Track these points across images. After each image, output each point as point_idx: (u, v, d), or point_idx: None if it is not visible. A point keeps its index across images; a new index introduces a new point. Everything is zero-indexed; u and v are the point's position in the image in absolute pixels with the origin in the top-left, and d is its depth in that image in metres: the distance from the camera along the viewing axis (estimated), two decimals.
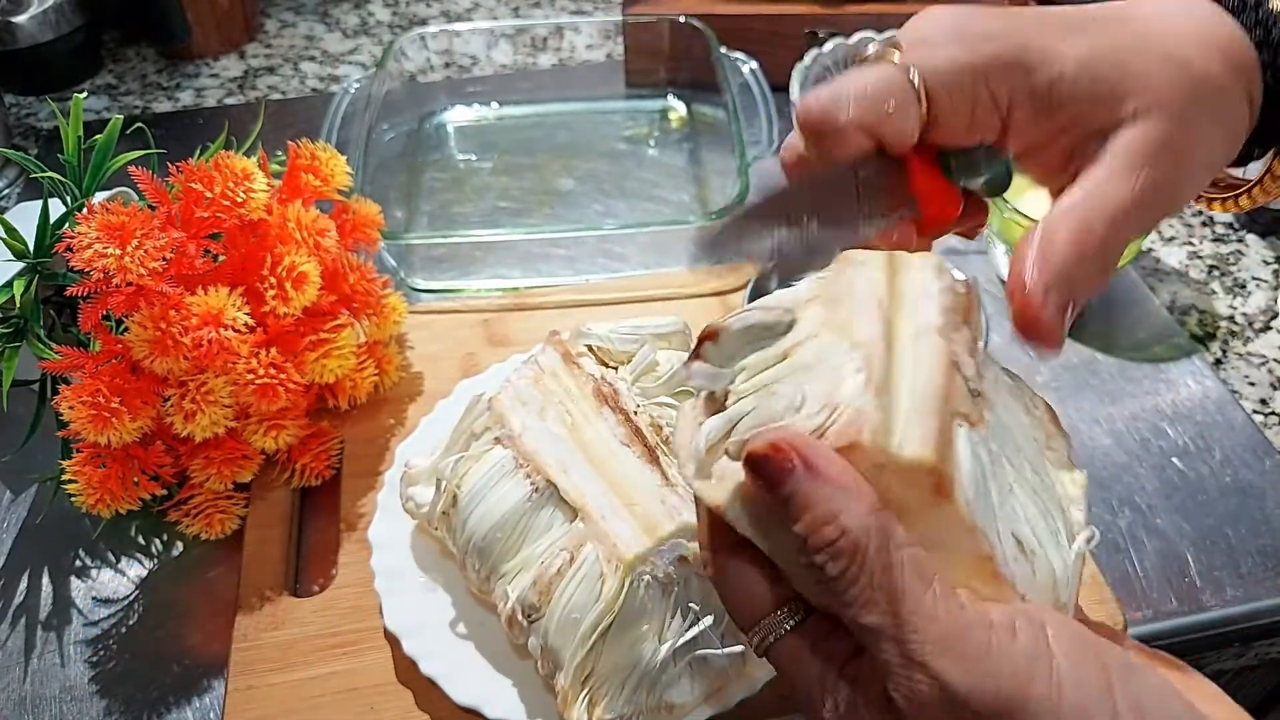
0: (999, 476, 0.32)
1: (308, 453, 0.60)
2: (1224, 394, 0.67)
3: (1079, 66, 0.34)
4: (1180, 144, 0.34)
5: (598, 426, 0.49)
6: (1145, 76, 0.34)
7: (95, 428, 0.51)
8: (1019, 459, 0.33)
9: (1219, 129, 0.35)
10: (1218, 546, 0.59)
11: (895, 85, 0.34)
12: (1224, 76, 0.34)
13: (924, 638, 0.27)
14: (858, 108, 0.34)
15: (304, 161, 0.59)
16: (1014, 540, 0.31)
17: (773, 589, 0.31)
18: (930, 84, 0.34)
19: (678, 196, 0.84)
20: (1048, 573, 0.32)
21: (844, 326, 0.32)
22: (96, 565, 0.59)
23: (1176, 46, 0.34)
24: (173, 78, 0.99)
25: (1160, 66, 0.34)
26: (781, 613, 0.31)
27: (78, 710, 0.52)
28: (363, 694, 0.50)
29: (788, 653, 0.31)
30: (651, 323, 0.53)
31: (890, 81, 0.34)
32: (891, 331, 0.32)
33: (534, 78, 0.97)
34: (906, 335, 0.32)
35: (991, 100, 0.34)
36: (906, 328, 0.32)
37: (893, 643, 0.27)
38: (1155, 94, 0.33)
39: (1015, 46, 0.34)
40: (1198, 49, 0.34)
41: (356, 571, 0.55)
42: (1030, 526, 0.32)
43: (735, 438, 0.32)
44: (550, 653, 0.45)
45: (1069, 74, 0.34)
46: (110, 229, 0.49)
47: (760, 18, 0.89)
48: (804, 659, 0.30)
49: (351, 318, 0.61)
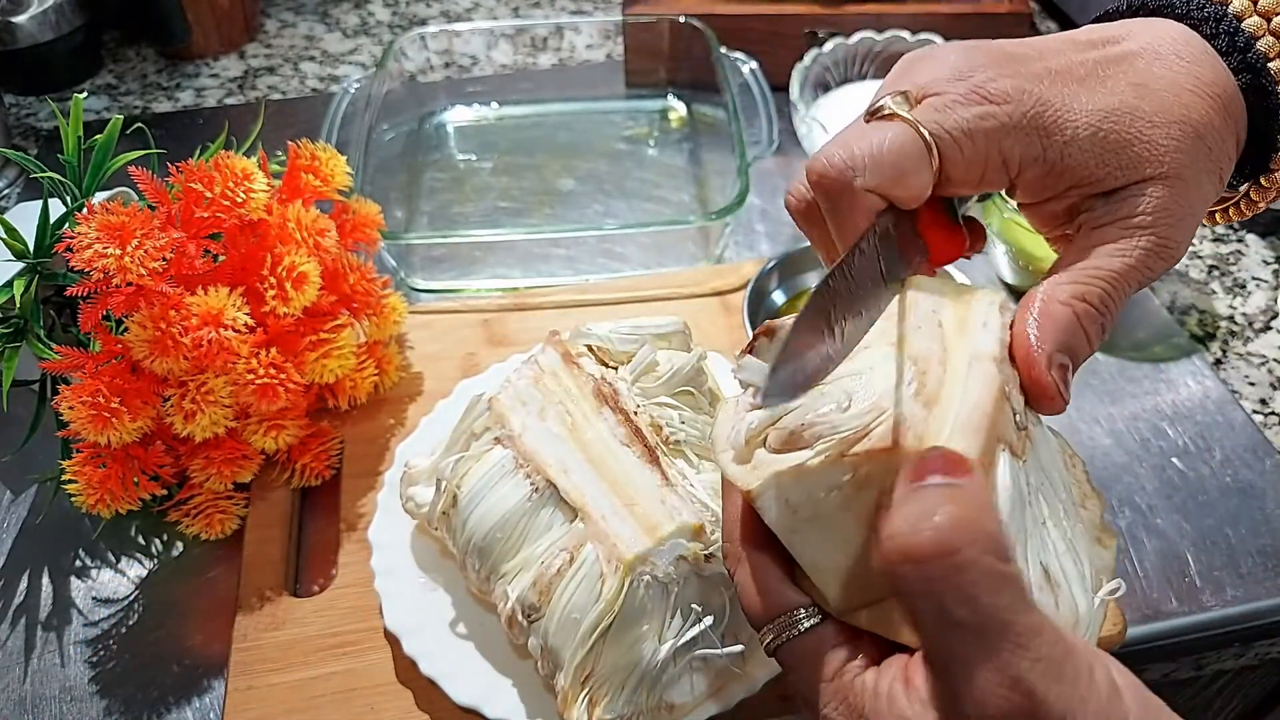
0: (1034, 507, 0.32)
1: (308, 453, 0.60)
2: (1224, 394, 0.67)
3: (1091, 130, 0.34)
4: (1182, 204, 0.34)
5: (598, 426, 0.49)
6: (1153, 143, 0.34)
7: (95, 428, 0.51)
8: (1054, 501, 0.34)
9: (1213, 177, 0.35)
10: (1218, 546, 0.59)
11: (910, 149, 0.33)
12: (1220, 125, 0.35)
13: (1026, 654, 0.26)
14: (873, 174, 0.33)
15: (304, 161, 0.59)
16: (1041, 569, 0.32)
17: (791, 588, 0.32)
18: (943, 147, 0.33)
19: (678, 196, 0.84)
20: (1071, 609, 0.32)
21: (901, 341, 0.32)
22: (96, 565, 0.59)
23: (1178, 100, 0.34)
24: (173, 78, 0.99)
25: (1167, 129, 0.34)
26: (800, 613, 0.31)
27: (78, 710, 0.52)
28: (363, 694, 0.50)
29: (800, 653, 0.31)
30: (651, 323, 0.53)
31: (905, 145, 0.33)
32: (947, 353, 0.32)
33: (534, 78, 0.97)
34: (961, 359, 0.32)
35: (1003, 161, 0.34)
36: (962, 352, 0.32)
37: (991, 652, 0.26)
38: (1164, 160, 0.34)
39: (1030, 109, 0.34)
40: (1196, 98, 0.34)
41: (356, 571, 0.55)
42: (1059, 561, 0.32)
43: (778, 429, 0.32)
44: (550, 653, 0.45)
45: (1081, 138, 0.34)
46: (110, 229, 0.49)
47: (760, 18, 0.89)
48: (817, 661, 0.30)
49: (351, 318, 0.61)
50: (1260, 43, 0.35)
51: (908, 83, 0.35)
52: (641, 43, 0.91)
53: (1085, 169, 0.34)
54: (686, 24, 0.87)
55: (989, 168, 0.34)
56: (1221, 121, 0.35)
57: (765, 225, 0.81)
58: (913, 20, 0.87)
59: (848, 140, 0.33)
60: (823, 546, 0.31)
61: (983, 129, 0.33)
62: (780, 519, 0.31)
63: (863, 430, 0.30)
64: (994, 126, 0.33)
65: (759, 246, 0.79)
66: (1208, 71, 0.35)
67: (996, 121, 0.33)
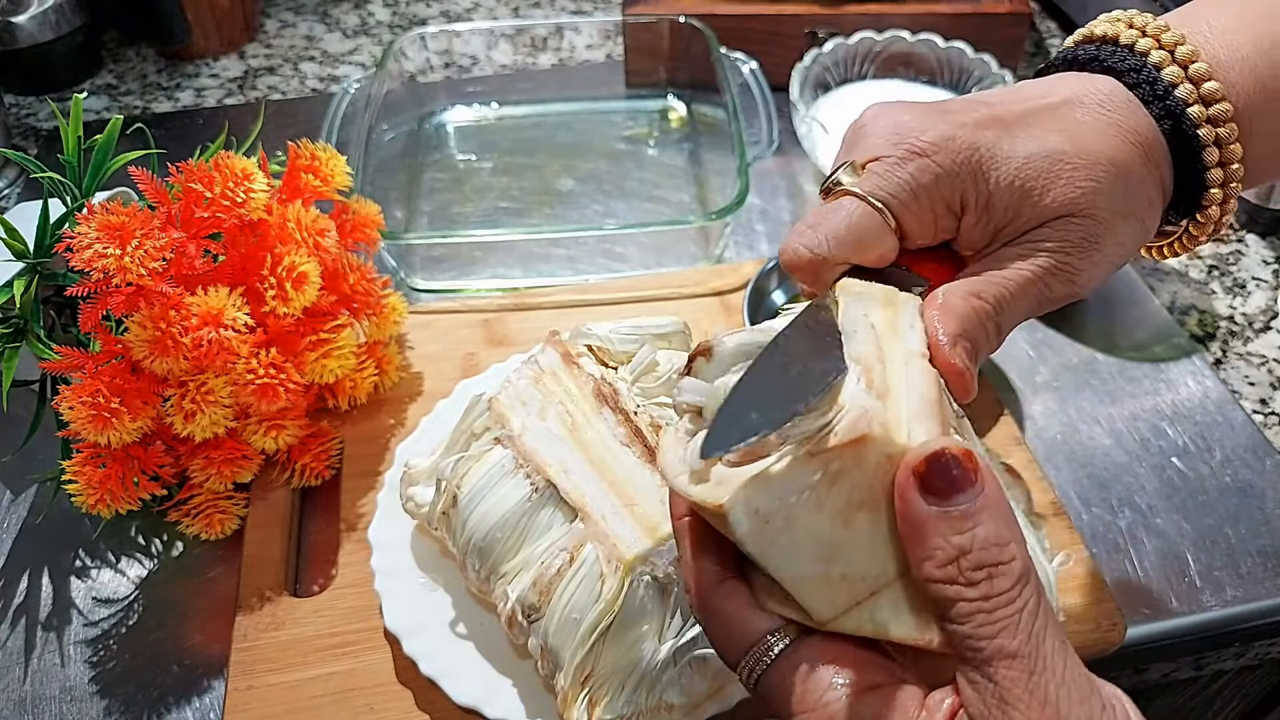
0: None
1: (308, 453, 0.60)
2: (1224, 394, 0.67)
3: (1016, 171, 0.36)
4: (1089, 237, 0.36)
5: (598, 427, 0.49)
6: (1071, 184, 0.35)
7: (95, 428, 0.51)
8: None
9: (1129, 220, 0.37)
10: (1218, 546, 0.59)
11: (864, 221, 0.36)
12: (1140, 168, 0.36)
13: (1053, 677, 0.27)
14: (838, 251, 0.36)
15: (304, 161, 0.59)
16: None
17: (757, 614, 0.31)
18: (894, 209, 0.35)
19: (678, 196, 0.84)
20: (1043, 575, 0.32)
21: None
22: (96, 565, 0.59)
23: (1102, 142, 0.36)
24: (173, 78, 0.99)
25: (1089, 170, 0.36)
26: (770, 638, 0.31)
27: (78, 710, 0.52)
28: (363, 694, 0.50)
29: (776, 680, 0.30)
30: (651, 323, 0.53)
31: (859, 219, 0.36)
32: (884, 353, 0.33)
33: (534, 78, 0.97)
34: (898, 358, 0.33)
35: (947, 208, 0.36)
36: (897, 351, 0.33)
37: (1024, 674, 0.27)
38: (1079, 201, 0.35)
39: (961, 154, 0.35)
40: (1119, 141, 0.36)
41: (356, 571, 0.55)
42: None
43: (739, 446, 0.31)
44: (550, 653, 0.45)
45: (1005, 182, 0.36)
46: (110, 229, 0.49)
47: (760, 18, 0.89)
48: (795, 687, 0.30)
49: (351, 318, 0.61)
50: (1179, 90, 0.36)
51: (855, 153, 0.37)
52: (641, 43, 0.91)
53: (1008, 212, 0.36)
54: (686, 24, 0.87)
55: (939, 216, 0.36)
56: (1142, 166, 0.36)
57: (765, 225, 0.81)
58: (913, 20, 0.87)
59: (811, 224, 0.36)
60: (800, 555, 0.30)
61: (923, 182, 0.35)
62: (752, 532, 0.30)
63: (827, 428, 0.30)
64: (931, 178, 0.35)
65: (759, 246, 0.80)
66: (1129, 118, 0.37)
67: (932, 173, 0.35)
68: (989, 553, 0.28)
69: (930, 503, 0.28)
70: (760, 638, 0.31)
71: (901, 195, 0.35)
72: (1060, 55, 0.41)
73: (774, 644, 0.31)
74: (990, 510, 0.28)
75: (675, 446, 0.33)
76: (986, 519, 0.28)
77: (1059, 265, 0.36)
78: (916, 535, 0.29)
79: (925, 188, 0.35)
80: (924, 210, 0.36)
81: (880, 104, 0.38)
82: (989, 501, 0.28)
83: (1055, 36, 1.01)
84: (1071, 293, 0.36)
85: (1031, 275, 0.35)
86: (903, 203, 0.35)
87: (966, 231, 0.37)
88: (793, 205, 0.83)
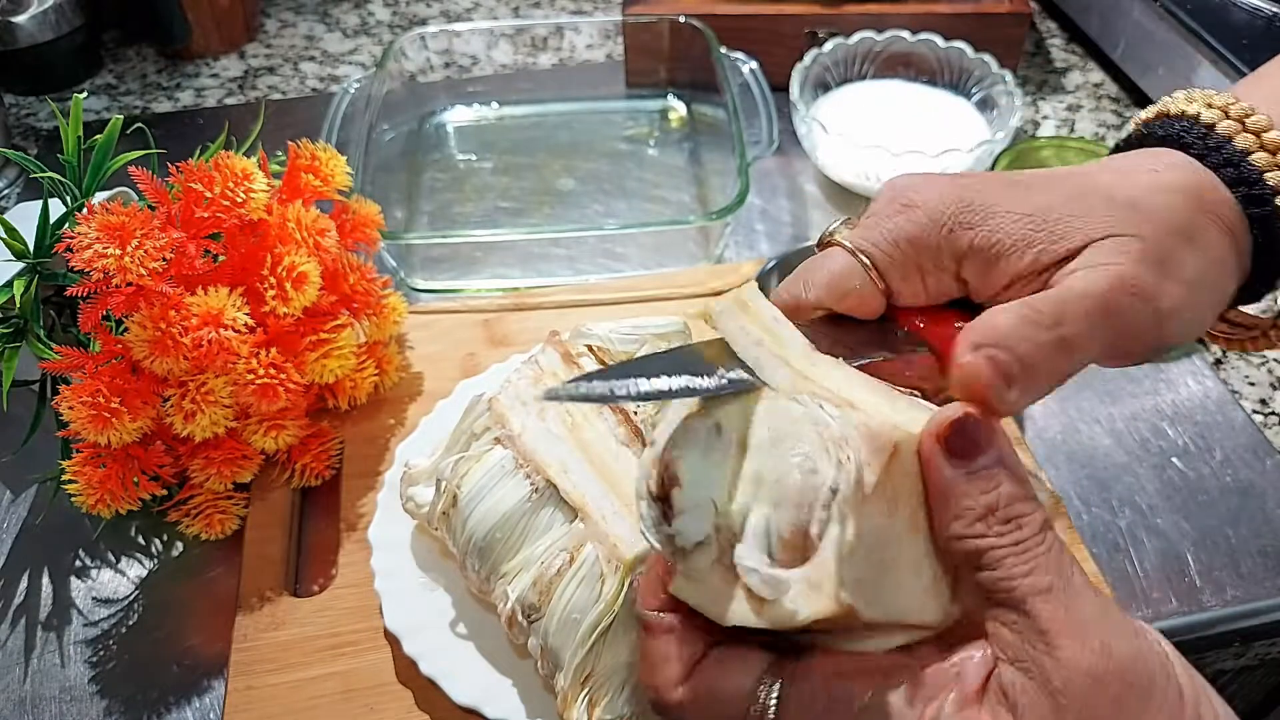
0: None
1: (308, 453, 0.60)
2: (1224, 394, 0.67)
3: (1020, 215, 0.35)
4: (1148, 255, 0.34)
5: (598, 427, 0.49)
6: (1087, 216, 0.34)
7: (95, 428, 0.51)
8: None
9: (1193, 252, 0.35)
10: (1218, 546, 0.59)
11: (844, 269, 0.36)
12: (1181, 208, 0.35)
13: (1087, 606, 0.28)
14: (821, 297, 0.36)
15: (304, 161, 0.59)
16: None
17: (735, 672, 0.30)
18: (874, 259, 0.36)
19: (678, 196, 0.84)
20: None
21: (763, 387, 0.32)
22: (96, 565, 0.59)
23: (1121, 191, 0.35)
24: (173, 78, 0.99)
25: (1104, 208, 0.35)
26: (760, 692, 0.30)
27: (78, 710, 0.52)
28: (362, 694, 0.50)
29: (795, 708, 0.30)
30: (651, 323, 0.53)
31: (840, 266, 0.36)
32: (796, 371, 0.32)
33: (534, 78, 0.97)
34: (808, 366, 0.32)
35: (935, 264, 0.36)
36: (801, 361, 0.32)
37: (1059, 605, 0.28)
38: (1102, 226, 0.34)
39: (951, 208, 0.35)
40: (1146, 191, 0.35)
41: (356, 571, 0.55)
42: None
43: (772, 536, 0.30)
44: (550, 653, 0.45)
45: (1008, 224, 0.35)
46: (110, 229, 0.49)
47: (760, 18, 0.89)
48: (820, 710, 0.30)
49: (351, 318, 0.61)
50: (1253, 157, 0.36)
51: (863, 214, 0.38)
52: (641, 43, 0.91)
53: (1018, 251, 0.35)
54: (686, 24, 0.87)
55: (926, 274, 0.36)
56: (1186, 207, 0.35)
57: (765, 225, 0.81)
58: (913, 20, 0.87)
59: (798, 272, 0.37)
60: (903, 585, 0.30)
61: (905, 234, 0.35)
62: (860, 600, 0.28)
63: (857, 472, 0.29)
64: (914, 230, 0.35)
65: (759, 246, 0.79)
66: (1170, 172, 0.36)
67: (916, 225, 0.35)
68: (1014, 507, 0.29)
69: (955, 466, 0.29)
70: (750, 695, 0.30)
71: (883, 245, 0.35)
72: (1126, 137, 0.40)
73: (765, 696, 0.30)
74: (1007, 468, 0.30)
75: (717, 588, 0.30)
76: (1006, 476, 0.30)
77: (1126, 276, 0.33)
78: (946, 499, 0.30)
79: (908, 240, 0.35)
80: (906, 263, 0.35)
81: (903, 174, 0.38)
82: (1006, 459, 0.30)
83: (1055, 36, 1.01)
84: (1154, 312, 0.33)
85: (1091, 284, 0.33)
86: (884, 252, 0.35)
87: (975, 281, 0.36)
88: (793, 205, 0.83)
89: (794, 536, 0.29)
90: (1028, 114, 0.91)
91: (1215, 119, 0.37)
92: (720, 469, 0.31)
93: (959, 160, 0.74)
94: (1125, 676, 0.28)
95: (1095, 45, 0.95)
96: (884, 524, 0.30)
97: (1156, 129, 0.39)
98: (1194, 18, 0.79)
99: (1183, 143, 0.37)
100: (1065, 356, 0.33)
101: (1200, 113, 0.37)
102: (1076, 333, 0.32)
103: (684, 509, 0.30)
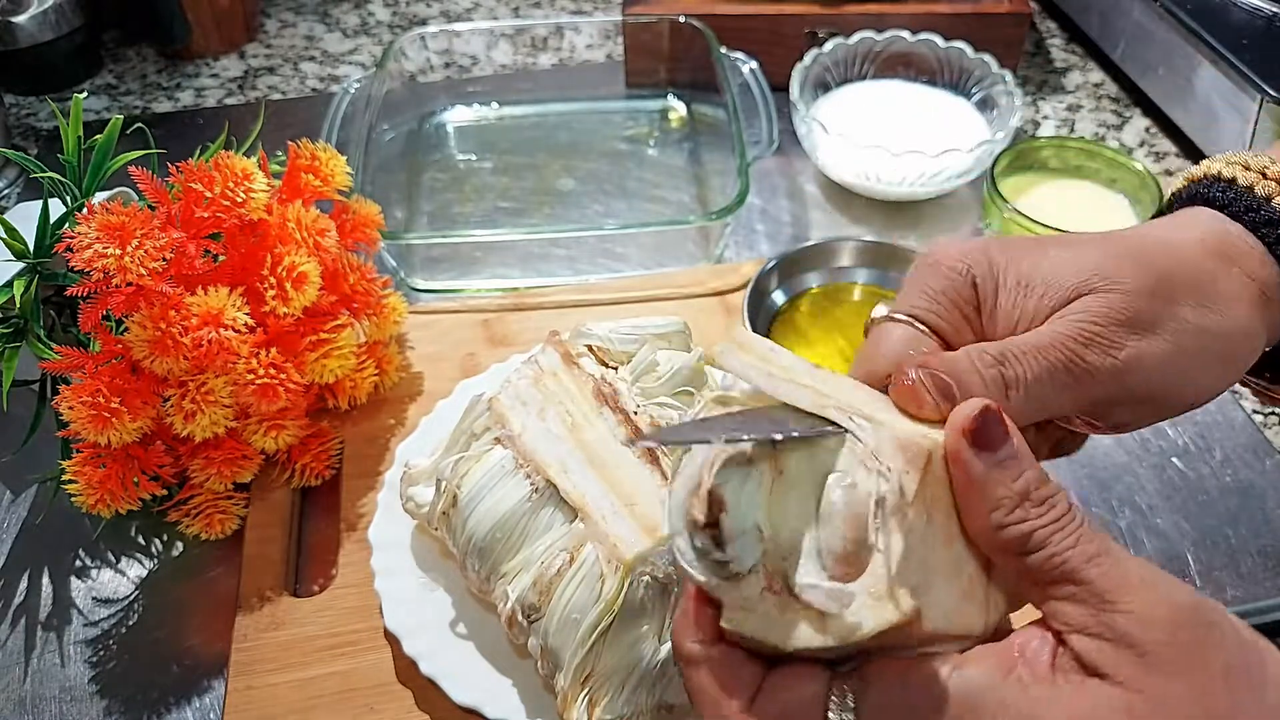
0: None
1: (308, 453, 0.60)
2: (1224, 394, 0.67)
3: (1031, 267, 0.36)
4: (1123, 311, 0.35)
5: (598, 427, 0.49)
6: (1089, 269, 0.36)
7: (95, 428, 0.51)
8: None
9: (1196, 309, 0.36)
10: (1218, 546, 0.59)
11: (908, 339, 0.37)
12: (1194, 257, 0.36)
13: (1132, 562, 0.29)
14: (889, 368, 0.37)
15: (304, 161, 0.59)
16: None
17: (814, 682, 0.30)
18: (921, 317, 0.37)
19: (678, 196, 0.84)
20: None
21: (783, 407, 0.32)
22: (96, 565, 0.59)
23: (1127, 244, 0.36)
24: (173, 78, 0.99)
25: (1108, 258, 0.36)
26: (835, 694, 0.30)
27: (78, 710, 0.52)
28: (363, 694, 0.50)
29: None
30: (651, 323, 0.53)
31: (903, 338, 0.37)
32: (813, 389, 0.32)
33: (534, 78, 0.97)
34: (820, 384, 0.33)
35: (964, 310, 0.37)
36: (810, 380, 0.33)
37: (1111, 566, 0.29)
38: (1098, 277, 0.35)
39: (979, 263, 0.37)
40: (1154, 242, 0.37)
41: (356, 571, 0.55)
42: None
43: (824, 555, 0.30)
44: (550, 653, 0.45)
45: (1023, 273, 0.36)
46: (110, 229, 0.49)
47: (760, 18, 0.89)
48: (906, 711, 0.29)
49: (351, 318, 0.61)
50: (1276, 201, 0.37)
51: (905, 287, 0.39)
52: (641, 43, 0.91)
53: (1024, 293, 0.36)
54: (686, 24, 0.87)
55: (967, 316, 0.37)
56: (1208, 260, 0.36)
57: (765, 225, 0.81)
58: (913, 20, 0.87)
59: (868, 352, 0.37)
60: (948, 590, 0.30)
61: (942, 288, 0.37)
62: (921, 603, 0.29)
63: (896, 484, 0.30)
64: (947, 284, 0.37)
65: (759, 246, 0.80)
66: (1199, 227, 0.37)
67: (948, 280, 0.37)
68: (1043, 489, 0.30)
69: (984, 458, 0.30)
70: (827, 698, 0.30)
71: (923, 304, 0.37)
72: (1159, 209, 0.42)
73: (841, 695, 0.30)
74: (1027, 453, 0.31)
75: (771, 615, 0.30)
76: (1028, 462, 0.30)
77: (1088, 333, 0.34)
78: (979, 492, 0.30)
79: (943, 293, 0.37)
80: (948, 310, 0.37)
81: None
82: (1024, 446, 0.31)
83: (1055, 36, 1.01)
84: (1116, 366, 0.34)
85: (1051, 338, 0.35)
86: (928, 309, 0.37)
87: (986, 324, 0.37)
88: (792, 205, 0.83)
89: (845, 552, 0.30)
90: (1028, 114, 0.91)
91: (1252, 181, 0.38)
92: (758, 495, 0.31)
93: (959, 160, 0.74)
94: (1197, 617, 0.28)
95: (1095, 45, 0.95)
96: (926, 532, 0.30)
97: (1187, 194, 0.40)
98: (1194, 18, 0.79)
99: (1215, 202, 0.38)
100: (1001, 394, 0.34)
101: (1237, 175, 0.38)
102: (1017, 375, 0.34)
103: (733, 535, 0.30)
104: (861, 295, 0.71)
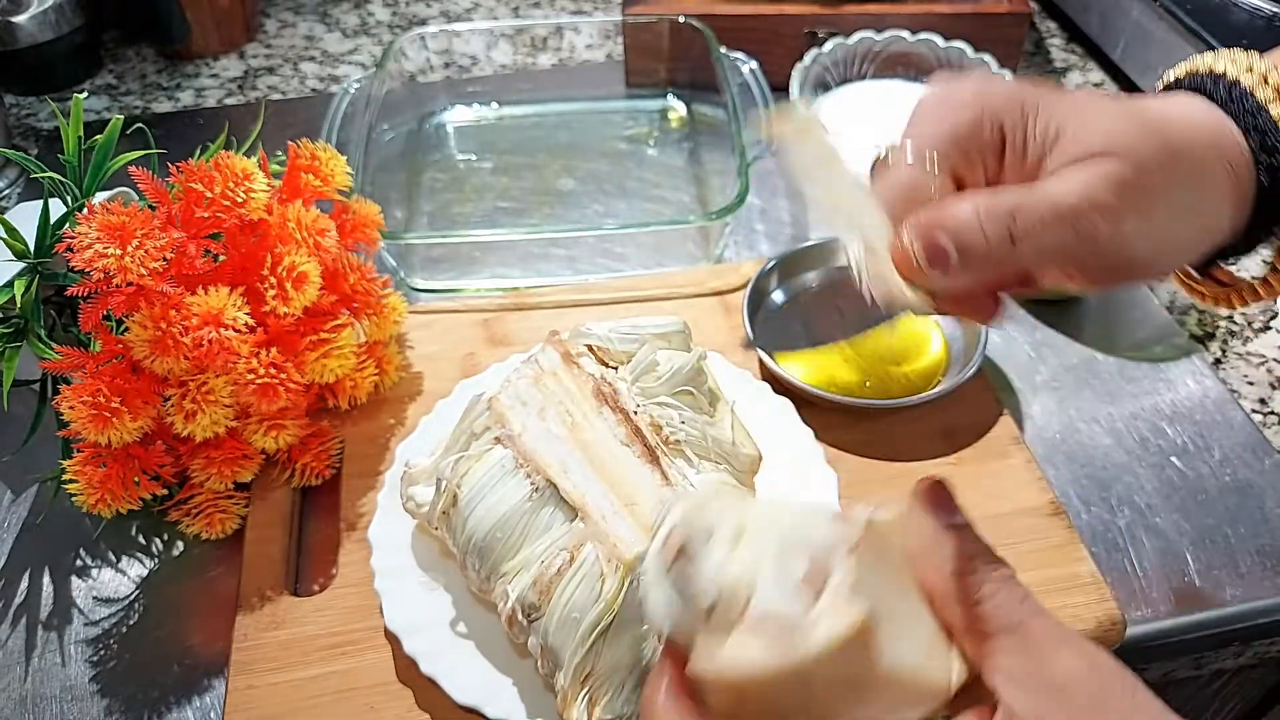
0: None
1: (308, 453, 0.60)
2: (1223, 394, 0.67)
3: (1062, 119, 0.36)
4: (1129, 181, 0.34)
5: (598, 426, 0.49)
6: (1111, 132, 0.35)
7: (95, 428, 0.51)
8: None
9: (1188, 193, 0.36)
10: (1217, 546, 0.59)
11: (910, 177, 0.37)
12: (1195, 142, 0.36)
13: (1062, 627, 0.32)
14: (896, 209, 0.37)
15: (304, 161, 0.59)
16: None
17: None
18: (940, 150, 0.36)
19: (678, 196, 0.84)
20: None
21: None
22: (97, 565, 0.59)
23: (1156, 115, 0.36)
24: (173, 78, 0.99)
25: (1128, 124, 0.35)
26: None
27: (78, 710, 0.52)
28: (363, 694, 0.50)
29: None
30: (651, 322, 0.53)
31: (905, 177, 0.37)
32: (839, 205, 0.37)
33: (534, 78, 0.97)
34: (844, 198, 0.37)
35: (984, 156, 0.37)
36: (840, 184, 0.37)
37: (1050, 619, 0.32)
38: (1118, 142, 0.35)
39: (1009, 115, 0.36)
40: (1178, 124, 0.36)
41: (356, 571, 0.55)
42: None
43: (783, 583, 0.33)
44: (550, 652, 0.45)
45: (1052, 124, 0.36)
46: (110, 229, 0.49)
47: (760, 18, 0.89)
48: None
49: (351, 318, 0.61)
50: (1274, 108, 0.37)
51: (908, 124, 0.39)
52: (641, 43, 0.91)
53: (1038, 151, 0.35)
54: (686, 24, 0.87)
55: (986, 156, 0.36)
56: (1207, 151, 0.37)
57: (765, 225, 0.81)
58: (912, 20, 0.87)
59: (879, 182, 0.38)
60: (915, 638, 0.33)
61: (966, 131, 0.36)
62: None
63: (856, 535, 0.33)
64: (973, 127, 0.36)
65: (759, 246, 0.80)
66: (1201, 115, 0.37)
67: (974, 123, 0.36)
68: (990, 553, 0.34)
69: (941, 519, 0.34)
70: None
71: (938, 141, 0.36)
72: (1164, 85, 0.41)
73: None
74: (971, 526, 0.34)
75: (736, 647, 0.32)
76: (976, 533, 0.34)
77: (1097, 197, 0.34)
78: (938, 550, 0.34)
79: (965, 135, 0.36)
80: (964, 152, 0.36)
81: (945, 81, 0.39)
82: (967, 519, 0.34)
83: (1055, 36, 1.01)
84: (1116, 234, 0.34)
85: (1068, 198, 0.34)
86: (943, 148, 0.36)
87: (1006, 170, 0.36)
88: (792, 205, 0.83)
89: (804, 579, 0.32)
90: None
91: (1254, 84, 0.38)
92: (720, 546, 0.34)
93: None
94: (1111, 667, 0.31)
95: (1095, 45, 0.95)
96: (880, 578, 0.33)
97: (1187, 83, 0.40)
98: (1194, 18, 0.79)
99: (1215, 98, 0.38)
100: (1009, 248, 0.34)
101: (1240, 77, 0.38)
102: (1026, 230, 0.34)
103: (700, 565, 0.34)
104: None
